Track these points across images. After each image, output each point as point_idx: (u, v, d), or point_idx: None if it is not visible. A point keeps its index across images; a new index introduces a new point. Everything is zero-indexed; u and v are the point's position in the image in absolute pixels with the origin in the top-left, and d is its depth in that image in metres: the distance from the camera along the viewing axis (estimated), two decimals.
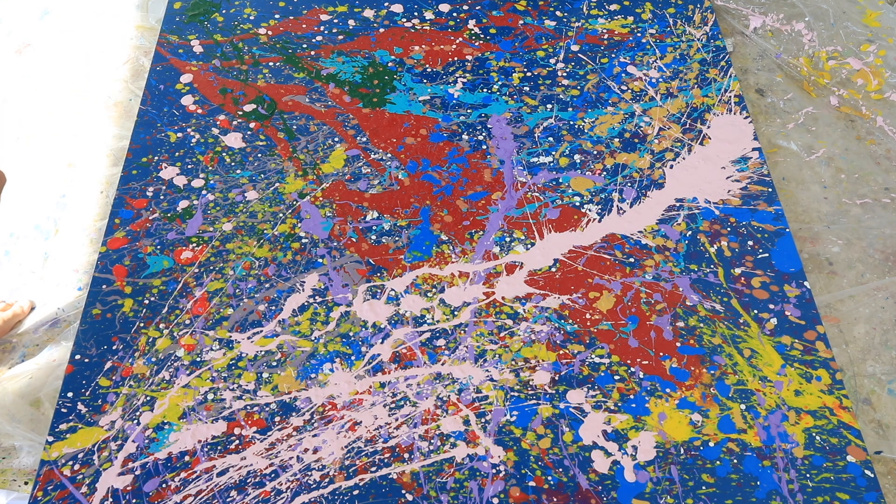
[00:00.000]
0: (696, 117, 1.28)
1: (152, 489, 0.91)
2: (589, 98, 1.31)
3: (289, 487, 0.91)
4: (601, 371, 1.01)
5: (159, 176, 1.18)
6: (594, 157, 1.23)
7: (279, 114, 1.27)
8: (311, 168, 1.20)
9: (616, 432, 0.96)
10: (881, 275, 1.13)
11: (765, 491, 0.92)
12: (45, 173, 1.21)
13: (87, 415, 0.96)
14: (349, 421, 0.97)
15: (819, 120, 1.32)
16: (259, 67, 1.33)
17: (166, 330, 1.03)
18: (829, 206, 1.20)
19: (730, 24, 1.46)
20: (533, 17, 1.43)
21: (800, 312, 1.06)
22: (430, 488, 0.92)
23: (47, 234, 1.15)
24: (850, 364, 1.05)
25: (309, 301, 1.06)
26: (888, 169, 1.25)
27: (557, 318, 1.05)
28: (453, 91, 1.31)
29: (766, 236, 1.14)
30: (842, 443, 0.95)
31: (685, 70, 1.35)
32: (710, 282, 1.09)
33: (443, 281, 1.09)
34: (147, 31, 1.41)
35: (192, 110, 1.26)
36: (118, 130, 1.27)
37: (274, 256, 1.10)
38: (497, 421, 0.97)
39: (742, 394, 0.99)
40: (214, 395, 0.98)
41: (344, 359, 1.01)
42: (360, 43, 1.38)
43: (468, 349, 1.02)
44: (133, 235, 1.12)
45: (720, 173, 1.21)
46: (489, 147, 1.24)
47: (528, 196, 1.18)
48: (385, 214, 1.15)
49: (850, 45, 1.42)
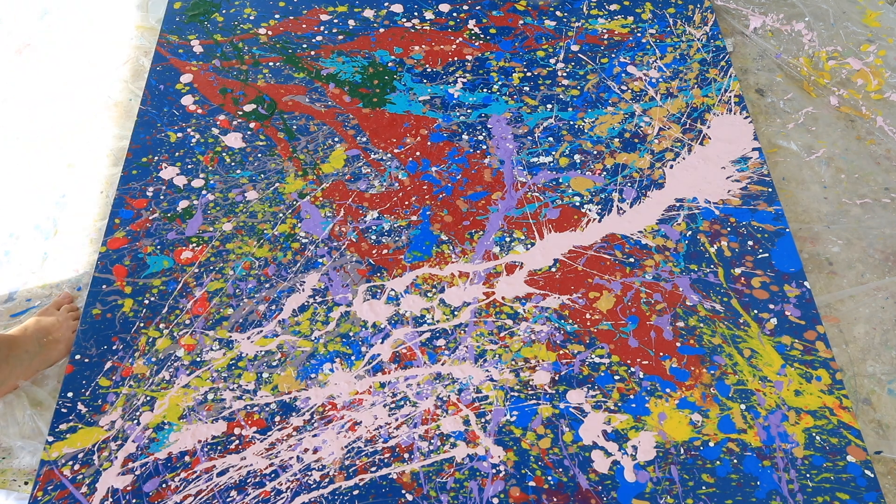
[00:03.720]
0: (696, 117, 1.28)
1: (152, 489, 0.91)
2: (589, 98, 1.31)
3: (289, 487, 0.91)
4: (601, 371, 1.01)
5: (159, 176, 1.18)
6: (594, 157, 1.23)
7: (279, 114, 1.27)
8: (311, 168, 1.20)
9: (616, 432, 0.96)
10: (881, 275, 1.13)
11: (765, 491, 0.92)
12: (45, 173, 1.21)
13: (87, 415, 0.96)
14: (349, 421, 0.97)
15: (819, 120, 1.32)
16: (259, 67, 1.33)
17: (166, 330, 1.03)
18: (829, 206, 1.20)
19: (730, 24, 1.46)
20: (533, 17, 1.43)
21: (800, 312, 1.06)
22: (430, 488, 0.92)
23: (47, 234, 1.15)
24: (850, 364, 1.05)
25: (309, 301, 1.06)
26: (888, 169, 1.25)
27: (557, 318, 1.05)
28: (453, 91, 1.31)
29: (766, 236, 1.14)
30: (842, 443, 0.95)
31: (685, 70, 1.35)
32: (710, 282, 1.09)
33: (443, 281, 1.09)
34: (147, 31, 1.41)
35: (192, 110, 1.26)
36: (118, 130, 1.27)
37: (274, 256, 1.10)
38: (497, 421, 0.97)
39: (742, 394, 0.99)
40: (214, 396, 0.98)
41: (344, 359, 1.01)
42: (360, 43, 1.38)
43: (468, 349, 1.02)
44: (133, 235, 1.12)
45: (720, 173, 1.21)
46: (489, 147, 1.24)
47: (528, 196, 1.18)
48: (385, 214, 1.15)
49: (850, 45, 1.42)
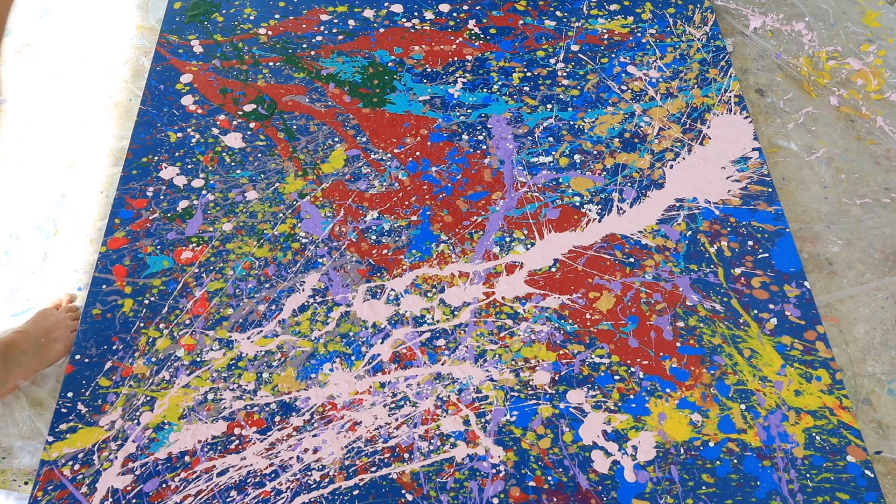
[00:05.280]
0: (696, 117, 1.28)
1: (152, 489, 0.91)
2: (589, 98, 1.31)
3: (289, 487, 0.91)
4: (601, 371, 1.01)
5: (159, 176, 1.18)
6: (594, 157, 1.23)
7: (279, 114, 1.27)
8: (311, 168, 1.20)
9: (616, 432, 0.96)
10: (881, 275, 1.13)
11: (765, 491, 0.92)
12: (45, 173, 1.21)
13: (87, 415, 0.96)
14: (349, 421, 0.97)
15: (819, 120, 1.32)
16: (259, 67, 1.33)
17: (166, 330, 1.03)
18: (829, 206, 1.20)
19: (730, 24, 1.46)
20: (533, 17, 1.42)
21: (800, 312, 1.06)
22: (430, 488, 0.91)
23: (47, 234, 1.15)
24: (850, 364, 1.05)
25: (309, 301, 1.06)
26: (888, 169, 1.25)
27: (557, 318, 1.05)
28: (453, 91, 1.31)
29: (766, 236, 1.14)
30: (842, 443, 0.95)
31: (685, 70, 1.35)
32: (710, 282, 1.09)
33: (443, 281, 1.09)
34: (147, 31, 1.41)
35: (192, 110, 1.26)
36: (118, 130, 1.27)
37: (274, 256, 1.10)
38: (497, 421, 0.97)
39: (742, 394, 0.99)
40: (214, 396, 0.98)
41: (344, 359, 1.01)
42: (360, 43, 1.38)
43: (468, 349, 1.02)
44: (133, 235, 1.12)
45: (720, 173, 1.21)
46: (489, 147, 1.24)
47: (528, 196, 1.18)
48: (385, 214, 1.15)
49: (850, 45, 1.42)
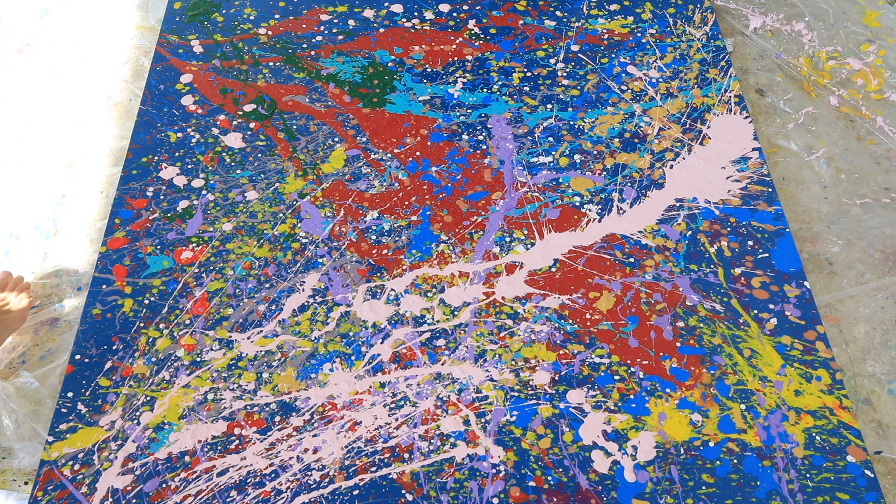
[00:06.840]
0: (696, 117, 1.28)
1: (152, 489, 0.91)
2: (589, 98, 1.31)
3: (289, 487, 0.91)
4: (601, 371, 1.01)
5: (159, 176, 1.18)
6: (594, 157, 1.23)
7: (279, 114, 1.27)
8: (311, 168, 1.20)
9: (616, 432, 0.96)
10: (881, 275, 1.13)
11: (765, 491, 0.92)
12: (45, 173, 1.21)
13: (87, 415, 0.96)
14: (349, 421, 0.97)
15: (819, 120, 1.32)
16: (259, 67, 1.33)
17: (166, 330, 1.03)
18: (829, 206, 1.20)
19: (730, 24, 1.46)
20: (533, 17, 1.42)
21: (800, 312, 1.06)
22: (430, 488, 0.92)
23: (47, 234, 1.15)
24: (850, 364, 1.05)
25: (309, 301, 1.06)
26: (888, 169, 1.25)
27: (557, 318, 1.05)
28: (453, 91, 1.31)
29: (766, 236, 1.14)
30: (842, 443, 0.95)
31: (685, 70, 1.35)
32: (710, 282, 1.09)
33: (443, 281, 1.09)
34: (147, 31, 1.41)
35: (192, 110, 1.26)
36: (118, 130, 1.27)
37: (274, 256, 1.10)
38: (497, 421, 0.97)
39: (742, 394, 0.99)
40: (214, 396, 0.98)
41: (344, 359, 1.01)
42: (360, 43, 1.38)
43: (468, 349, 1.02)
44: (133, 235, 1.12)
45: (720, 173, 1.21)
46: (489, 147, 1.24)
47: (528, 196, 1.18)
48: (385, 214, 1.15)
49: (850, 45, 1.42)
